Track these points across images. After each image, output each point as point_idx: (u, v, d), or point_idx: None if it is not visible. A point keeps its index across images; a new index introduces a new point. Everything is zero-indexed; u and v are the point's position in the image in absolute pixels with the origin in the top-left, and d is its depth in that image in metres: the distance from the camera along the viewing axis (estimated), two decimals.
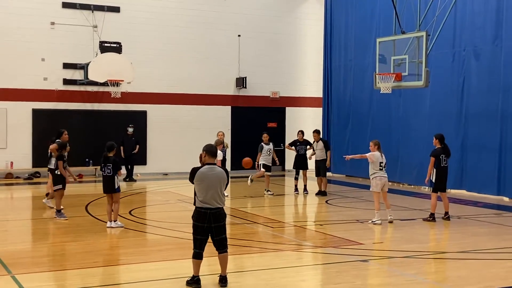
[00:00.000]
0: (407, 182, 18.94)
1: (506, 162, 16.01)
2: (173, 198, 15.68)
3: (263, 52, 23.33)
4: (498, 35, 16.21)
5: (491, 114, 16.39)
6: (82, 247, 9.88)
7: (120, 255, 9.51)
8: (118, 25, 20.94)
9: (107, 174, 11.39)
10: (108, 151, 11.43)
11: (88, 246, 9.98)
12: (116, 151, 11.64)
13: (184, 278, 7.62)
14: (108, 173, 11.37)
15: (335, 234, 11.18)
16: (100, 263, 8.84)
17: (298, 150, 16.96)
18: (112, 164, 11.36)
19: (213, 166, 7.49)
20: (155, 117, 21.81)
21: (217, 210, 7.44)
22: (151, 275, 8.04)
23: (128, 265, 8.80)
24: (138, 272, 8.31)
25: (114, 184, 11.37)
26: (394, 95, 18.73)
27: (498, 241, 10.48)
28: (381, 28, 19.38)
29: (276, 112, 23.96)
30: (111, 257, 9.43)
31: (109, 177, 11.39)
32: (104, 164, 11.40)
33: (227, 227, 11.84)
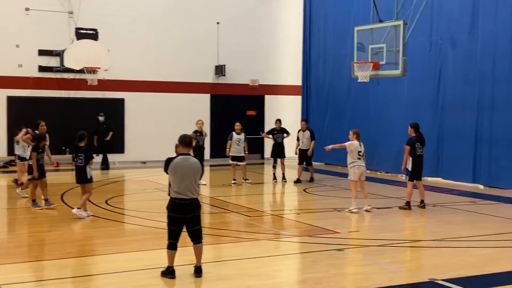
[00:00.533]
0: (385, 170, 19.06)
1: (481, 150, 16.18)
2: (151, 187, 15.60)
3: (242, 39, 23.22)
4: (475, 24, 16.30)
5: (467, 102, 16.52)
6: (57, 238, 9.80)
7: (94, 246, 9.44)
8: (95, 11, 20.67)
9: (79, 164, 11.26)
10: (79, 140, 11.29)
11: (62, 236, 9.90)
12: (87, 140, 11.48)
13: (159, 268, 7.59)
14: (80, 163, 11.24)
15: (312, 223, 11.21)
16: (74, 254, 8.77)
17: (276, 139, 16.96)
18: (83, 154, 11.23)
19: (187, 157, 7.44)
20: (133, 105, 21.65)
21: (192, 200, 7.40)
22: (126, 266, 7.99)
23: (102, 255, 8.75)
24: (113, 262, 8.27)
25: (86, 174, 11.25)
26: (372, 83, 18.75)
27: (471, 229, 10.59)
28: (360, 17, 19.36)
29: (255, 100, 23.91)
30: (85, 247, 9.35)
31: (81, 167, 11.26)
32: (76, 154, 11.27)
33: (204, 216, 11.93)
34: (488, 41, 15.90)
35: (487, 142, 16.01)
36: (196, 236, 7.50)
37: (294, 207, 13.63)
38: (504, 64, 15.52)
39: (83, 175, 11.27)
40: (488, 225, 11.06)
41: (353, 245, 9.53)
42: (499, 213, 12.23)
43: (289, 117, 23.28)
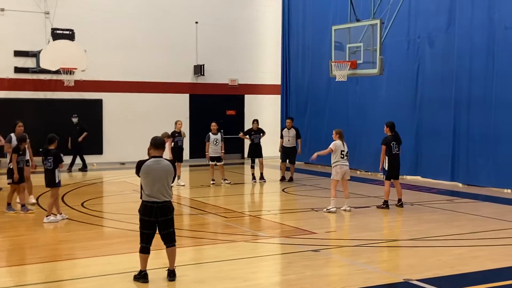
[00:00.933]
0: (364, 168, 19.09)
1: (459, 148, 16.26)
2: (129, 189, 15.44)
3: (221, 39, 23.12)
4: (452, 23, 16.37)
5: (445, 101, 16.59)
6: (30, 242, 9.66)
7: (68, 250, 9.29)
8: (71, 11, 20.43)
9: (48, 168, 11.07)
10: (49, 143, 11.11)
11: (36, 240, 9.76)
12: (58, 143, 11.30)
13: (133, 272, 7.48)
14: (48, 166, 11.05)
15: (289, 224, 11.17)
16: (47, 258, 8.60)
17: (253, 139, 16.91)
18: (52, 157, 11.03)
19: (159, 159, 7.34)
20: (111, 105, 21.45)
21: (164, 203, 7.31)
22: (98, 270, 7.87)
23: (75, 260, 8.62)
24: (86, 267, 8.14)
25: (54, 178, 11.04)
26: (351, 82, 18.79)
27: (448, 228, 10.61)
28: (338, 16, 19.39)
29: (235, 99, 23.83)
30: (58, 251, 9.21)
31: (49, 171, 11.06)
32: (45, 157, 11.08)
33: (181, 218, 11.84)
34: (465, 40, 15.98)
35: (465, 140, 16.09)
36: (169, 239, 7.41)
37: (272, 208, 13.58)
38: (481, 63, 15.60)
39: (51, 179, 11.06)
40: (465, 224, 11.09)
41: (330, 245, 9.49)
42: (476, 211, 12.28)
43: (269, 117, 23.29)
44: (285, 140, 17.20)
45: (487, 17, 15.45)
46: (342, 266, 8.27)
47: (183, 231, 10.33)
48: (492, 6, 15.30)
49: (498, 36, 15.18)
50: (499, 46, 15.16)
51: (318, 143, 20.27)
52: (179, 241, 8.74)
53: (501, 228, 10.62)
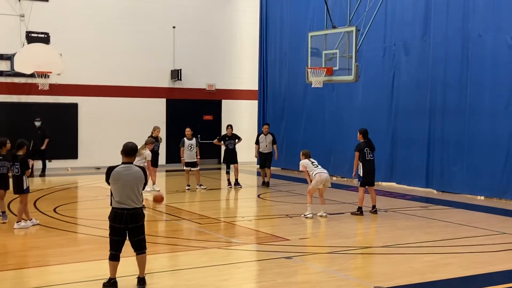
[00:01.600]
0: (340, 175, 19.13)
1: (434, 155, 16.37)
2: (103, 194, 15.23)
3: (198, 44, 23.05)
4: (427, 31, 16.51)
5: (420, 108, 16.71)
6: None
7: (37, 257, 9.12)
8: (47, 14, 20.22)
9: (15, 174, 10.86)
10: (17, 149, 10.91)
11: (4, 247, 9.60)
12: (27, 149, 11.11)
13: (102, 280, 7.39)
14: (16, 172, 10.86)
15: (264, 230, 11.14)
16: (14, 266, 8.47)
17: (228, 145, 16.86)
18: (20, 163, 10.83)
19: (129, 165, 7.26)
20: (87, 109, 21.24)
21: (134, 210, 7.23)
22: (67, 278, 7.76)
23: (43, 267, 8.48)
24: (54, 274, 8.03)
25: (22, 184, 10.85)
26: (328, 89, 18.87)
27: (420, 235, 10.65)
28: (315, 22, 19.47)
29: (212, 104, 23.76)
30: (26, 258, 9.05)
31: (16, 177, 10.85)
32: (13, 163, 10.88)
33: (154, 224, 11.74)
34: (440, 48, 16.12)
35: (439, 147, 16.21)
36: (139, 247, 7.33)
37: (247, 214, 13.53)
38: (455, 71, 15.74)
39: (19, 185, 10.86)
40: (438, 231, 11.15)
41: (303, 252, 9.47)
42: (449, 218, 12.36)
43: (246, 122, 23.27)
44: (262, 146, 17.24)
45: (461, 25, 15.60)
46: (314, 274, 8.25)
47: (156, 238, 10.25)
48: (466, 14, 15.46)
49: (472, 45, 15.34)
50: (473, 54, 15.31)
51: (295, 149, 20.26)
52: (152, 248, 8.70)
53: (473, 235, 10.70)
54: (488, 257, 9.17)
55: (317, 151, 17.94)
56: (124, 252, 7.35)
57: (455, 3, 15.71)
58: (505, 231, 11.03)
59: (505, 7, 14.60)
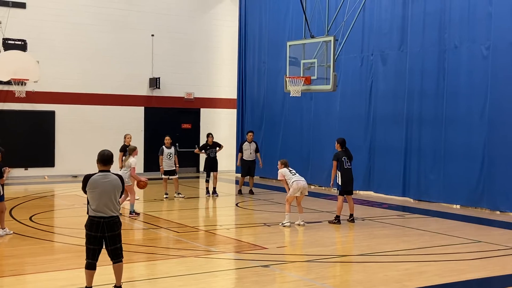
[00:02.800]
0: (318, 183, 19.21)
1: (410, 165, 16.53)
2: (79, 202, 15.15)
3: (177, 52, 23.05)
4: (404, 41, 16.71)
5: (397, 117, 16.88)
6: None
7: (12, 265, 8.99)
8: (24, 21, 20.08)
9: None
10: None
11: None
12: (2, 156, 10.92)
13: None
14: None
15: (241, 239, 11.14)
16: None
17: (209, 154, 16.83)
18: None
19: (106, 173, 7.23)
20: (64, 117, 21.08)
21: (111, 218, 7.19)
22: (43, 287, 7.70)
23: (19, 276, 8.37)
24: (29, 283, 7.95)
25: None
26: (306, 98, 18.99)
27: (397, 243, 10.74)
28: (294, 32, 19.61)
29: (191, 113, 23.73)
30: (2, 267, 8.86)
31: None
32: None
33: (132, 233, 11.67)
34: (416, 58, 16.32)
35: (416, 156, 16.38)
36: (116, 255, 7.28)
37: (224, 222, 13.52)
38: (432, 81, 15.94)
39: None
40: (414, 239, 11.24)
41: (281, 261, 9.49)
42: (425, 227, 12.47)
43: (225, 131, 23.27)
44: (247, 154, 17.32)
45: (437, 36, 15.82)
46: (290, 282, 8.27)
47: (134, 246, 10.19)
48: (442, 25, 15.68)
49: (448, 55, 15.56)
50: (449, 65, 15.53)
51: (273, 158, 20.34)
52: (129, 257, 8.66)
53: (448, 243, 10.81)
54: (464, 265, 9.28)
55: (295, 160, 18.02)
56: (100, 260, 7.29)
57: (432, 15, 15.94)
58: (481, 240, 11.16)
59: (480, 19, 14.84)
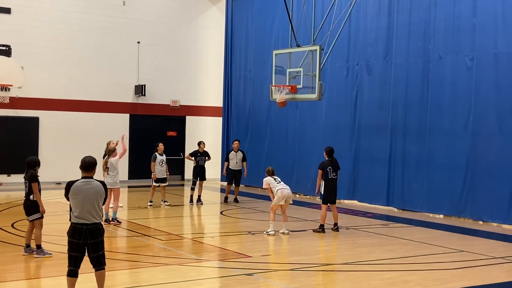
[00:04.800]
0: (303, 192, 19.23)
1: (394, 174, 16.60)
2: (62, 209, 15.02)
3: (163, 60, 23.02)
4: (389, 51, 16.81)
5: (381, 127, 16.96)
6: None
7: None
8: (8, 27, 19.94)
9: None
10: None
11: None
12: None
13: None
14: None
15: (225, 247, 11.11)
16: None
17: (198, 161, 16.78)
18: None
19: (89, 180, 7.18)
20: (48, 124, 20.93)
21: (94, 225, 7.13)
22: None
23: (1, 283, 8.28)
24: None
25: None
26: (291, 107, 19.03)
27: (381, 252, 10.76)
28: (280, 40, 19.68)
29: (176, 120, 23.69)
30: None
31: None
32: None
33: (116, 240, 11.60)
34: (401, 68, 16.43)
35: (400, 165, 16.45)
36: (99, 262, 7.22)
37: (209, 231, 13.48)
38: (416, 91, 16.04)
39: None
40: (397, 248, 11.28)
41: (264, 269, 9.47)
42: (409, 236, 12.52)
43: (210, 139, 23.21)
44: (233, 163, 17.30)
45: (422, 47, 15.94)
46: None
47: (117, 254, 10.13)
48: (427, 36, 15.81)
49: (432, 66, 15.68)
50: (434, 75, 15.65)
51: (258, 166, 20.37)
52: (112, 264, 8.59)
53: (431, 253, 10.85)
54: (446, 274, 9.31)
55: (280, 169, 18.01)
56: (82, 268, 7.24)
57: (417, 25, 16.06)
58: (463, 249, 11.22)
59: (464, 30, 14.99)
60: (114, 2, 22.03)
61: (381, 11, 17.04)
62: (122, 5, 22.18)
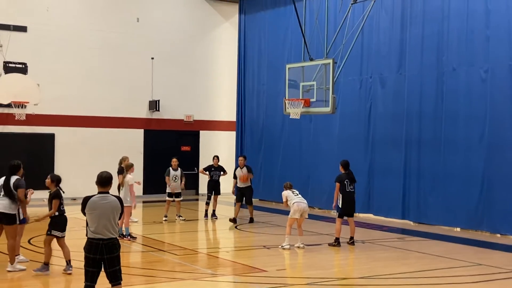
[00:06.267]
0: (318, 206, 19.16)
1: (410, 187, 16.51)
2: (78, 225, 15.05)
3: (177, 75, 23.16)
4: (402, 64, 16.80)
5: (396, 139, 16.90)
6: None
7: None
8: (25, 45, 20.18)
9: None
10: None
11: None
12: None
13: None
14: None
15: (240, 261, 11.09)
16: None
17: (212, 176, 16.77)
18: None
19: (105, 195, 7.22)
20: (64, 140, 21.09)
21: (110, 240, 7.16)
22: None
23: None
24: None
25: None
26: (305, 120, 19.02)
27: (397, 266, 10.69)
28: (293, 54, 19.73)
29: (190, 135, 23.77)
30: None
31: None
32: None
33: (131, 255, 11.62)
34: (415, 81, 16.40)
35: (416, 178, 16.36)
36: (115, 278, 7.23)
37: (224, 245, 13.47)
38: (430, 103, 16.00)
39: None
40: (414, 262, 11.21)
41: (280, 284, 9.43)
42: (426, 250, 12.43)
43: (224, 153, 23.23)
44: (238, 180, 16.29)
45: (436, 59, 15.91)
46: None
47: (133, 269, 10.15)
48: (440, 49, 15.78)
49: (446, 78, 15.64)
50: (448, 88, 15.60)
51: (272, 180, 20.39)
52: (127, 279, 8.60)
53: (449, 266, 10.75)
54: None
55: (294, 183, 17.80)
56: (99, 283, 7.25)
57: (430, 38, 16.05)
58: (481, 263, 11.12)
59: (478, 42, 14.95)
60: (129, 19, 22.25)
61: (394, 24, 17.05)
62: (136, 22, 22.39)
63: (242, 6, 23.36)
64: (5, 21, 19.98)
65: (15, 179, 10.11)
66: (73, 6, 21.26)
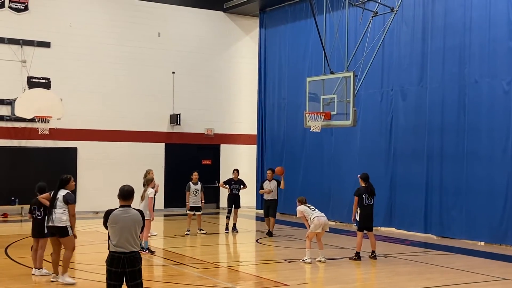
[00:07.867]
0: (339, 219, 19.05)
1: (432, 200, 16.35)
2: (100, 239, 15.18)
3: (197, 89, 23.30)
4: (423, 77, 16.71)
5: (417, 152, 16.77)
6: None
7: None
8: (48, 60, 20.50)
9: (37, 217, 10.69)
10: (39, 192, 10.77)
11: None
12: None
13: None
14: (38, 215, 10.71)
15: (261, 275, 11.05)
16: None
17: (232, 189, 16.79)
18: (44, 207, 10.67)
19: (127, 209, 7.26)
20: (86, 154, 21.30)
21: (131, 254, 7.18)
22: None
23: None
24: None
25: (43, 228, 10.52)
26: (326, 133, 18.99)
27: (420, 281, 10.57)
28: (313, 68, 19.74)
29: (211, 149, 23.85)
30: None
31: (40, 220, 10.61)
32: (37, 207, 10.71)
33: (152, 269, 11.66)
34: (437, 93, 16.30)
35: (438, 192, 16.20)
36: None
37: (245, 259, 13.44)
38: (452, 116, 15.88)
39: (41, 229, 10.57)
40: (437, 276, 11.07)
41: None
42: (449, 264, 12.28)
43: (245, 167, 23.26)
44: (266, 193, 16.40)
45: (457, 71, 15.81)
46: None
47: (154, 283, 10.17)
48: (462, 61, 15.68)
49: (468, 90, 15.52)
50: (470, 100, 15.47)
51: (294, 193, 20.21)
52: None
53: (472, 281, 10.61)
54: None
55: (315, 196, 17.98)
56: None
57: (451, 50, 15.96)
58: (506, 277, 10.95)
59: (500, 54, 14.83)
60: (150, 34, 22.48)
61: (415, 37, 16.99)
62: (158, 37, 22.62)
63: (263, 20, 23.48)
64: (29, 37, 20.33)
65: (66, 192, 10.31)
66: (95, 21, 21.55)
